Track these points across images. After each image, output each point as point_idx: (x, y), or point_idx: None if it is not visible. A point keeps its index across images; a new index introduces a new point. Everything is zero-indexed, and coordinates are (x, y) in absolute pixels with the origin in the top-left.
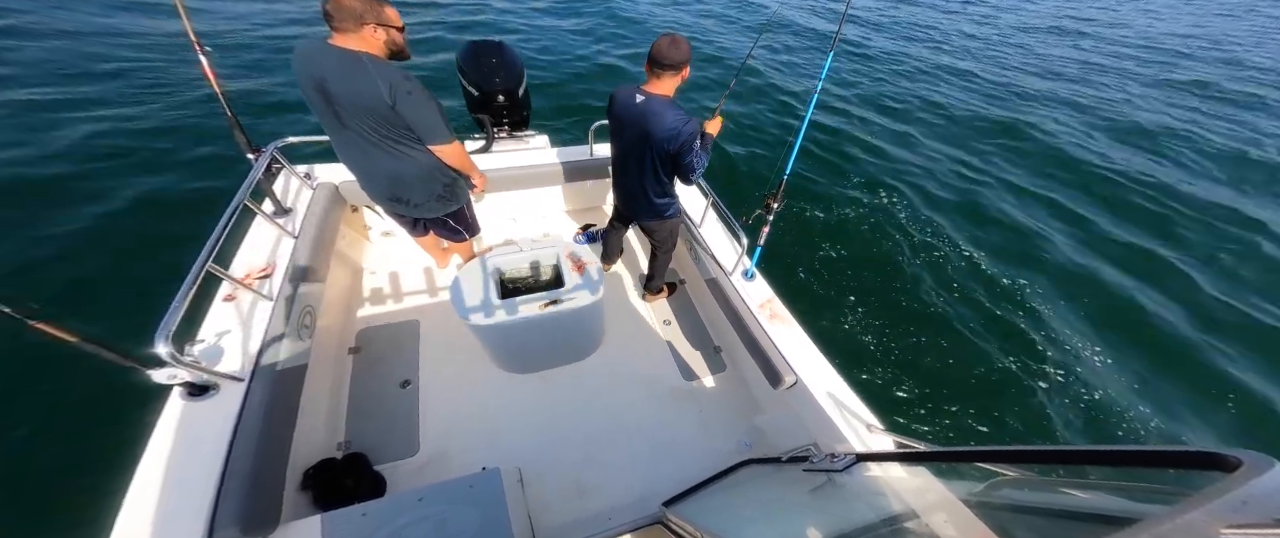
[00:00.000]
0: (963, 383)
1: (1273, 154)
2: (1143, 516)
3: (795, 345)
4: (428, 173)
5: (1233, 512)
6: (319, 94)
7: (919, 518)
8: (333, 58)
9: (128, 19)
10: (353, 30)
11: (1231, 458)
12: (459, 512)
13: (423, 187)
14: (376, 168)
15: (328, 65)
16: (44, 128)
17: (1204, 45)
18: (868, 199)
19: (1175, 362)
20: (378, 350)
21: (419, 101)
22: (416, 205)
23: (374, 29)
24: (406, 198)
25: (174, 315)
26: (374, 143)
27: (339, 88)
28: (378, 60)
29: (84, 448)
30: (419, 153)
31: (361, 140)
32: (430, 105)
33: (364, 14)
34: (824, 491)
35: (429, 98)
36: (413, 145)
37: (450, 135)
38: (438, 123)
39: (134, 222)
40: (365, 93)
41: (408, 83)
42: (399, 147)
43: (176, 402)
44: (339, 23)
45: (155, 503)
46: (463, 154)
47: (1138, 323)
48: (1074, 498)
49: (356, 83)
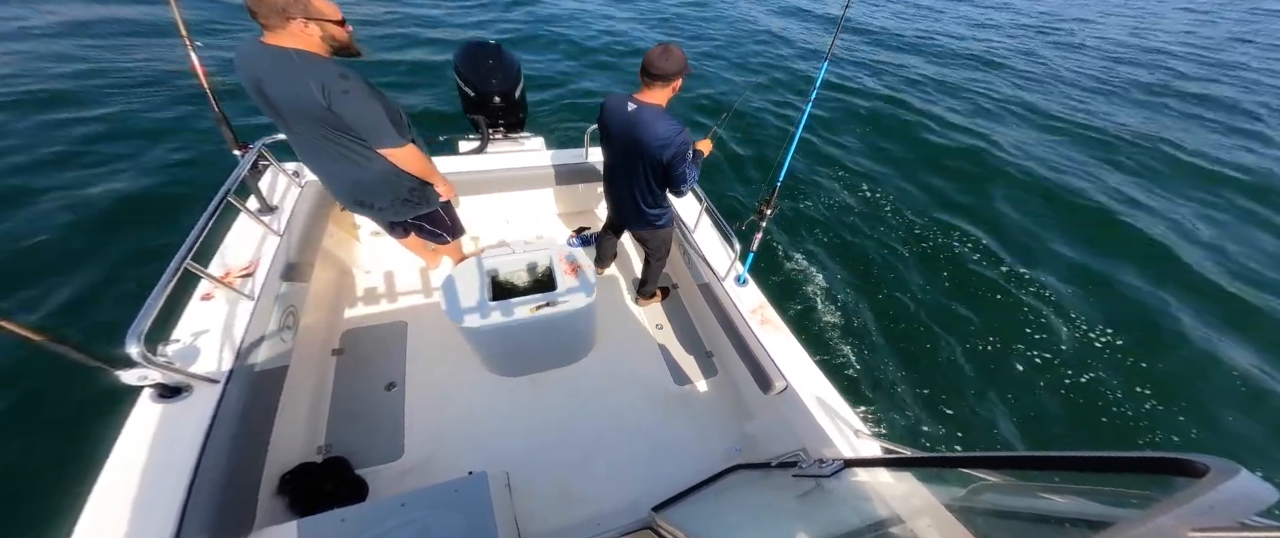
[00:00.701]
0: (956, 379)
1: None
2: (1116, 519)
3: (786, 351)
4: (387, 176)
5: (1199, 516)
6: (259, 97)
7: (904, 523)
8: (267, 57)
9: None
10: (280, 26)
11: (1198, 464)
12: (443, 517)
13: (386, 190)
14: (332, 172)
15: (262, 66)
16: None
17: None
18: (856, 202)
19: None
20: (363, 352)
21: (356, 101)
22: (381, 210)
23: (304, 24)
24: (370, 202)
25: (147, 314)
26: (323, 147)
27: (274, 90)
28: (311, 57)
29: (46, 453)
30: (374, 156)
31: (311, 144)
32: (371, 105)
33: (287, 7)
34: (812, 496)
35: (370, 97)
36: (366, 147)
37: (398, 138)
38: (380, 124)
39: (111, 220)
40: (300, 94)
41: (344, 81)
42: (351, 150)
43: (147, 404)
44: (264, 19)
45: (119, 507)
46: (416, 158)
47: (1154, 324)
48: (1052, 502)
49: (290, 84)
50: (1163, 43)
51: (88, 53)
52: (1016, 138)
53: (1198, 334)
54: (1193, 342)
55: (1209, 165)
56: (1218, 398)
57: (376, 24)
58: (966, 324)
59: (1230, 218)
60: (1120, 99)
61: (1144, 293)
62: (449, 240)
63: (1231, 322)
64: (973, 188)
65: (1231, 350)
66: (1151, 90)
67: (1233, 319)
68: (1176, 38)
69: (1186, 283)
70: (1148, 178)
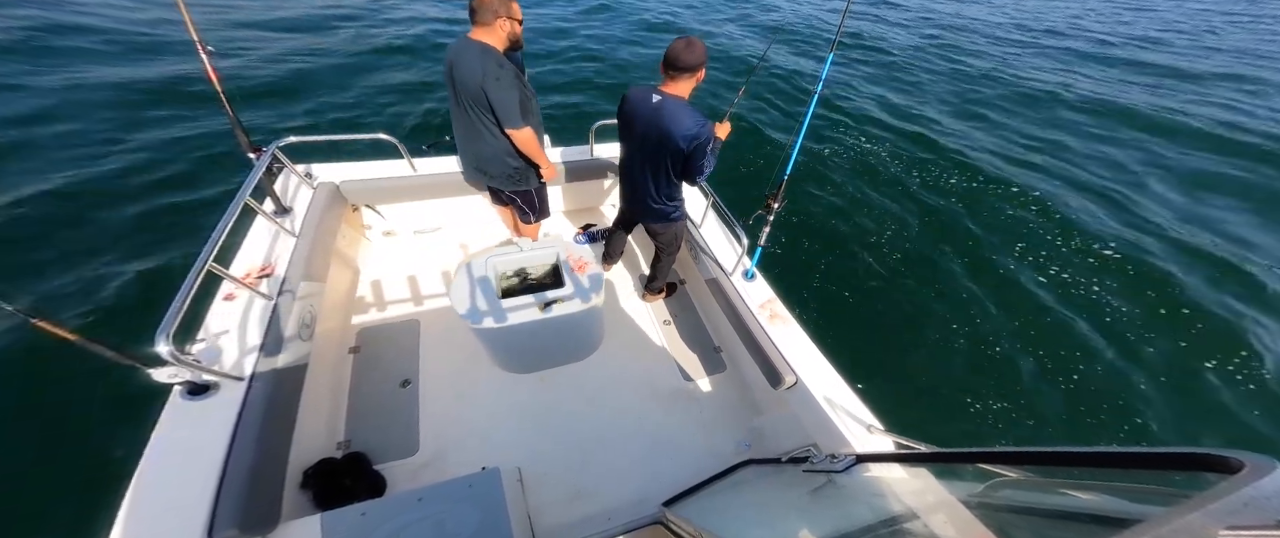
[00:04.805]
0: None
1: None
2: (1142, 517)
3: (795, 346)
4: (500, 152)
5: (1232, 513)
6: (448, 78)
7: (919, 519)
8: (466, 47)
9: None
10: (489, 22)
11: (1233, 460)
12: (458, 512)
13: (497, 162)
14: (469, 139)
15: (460, 53)
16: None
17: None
18: (865, 191)
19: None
20: (378, 350)
21: (502, 87)
22: (492, 176)
23: (505, 21)
24: (486, 170)
25: (175, 315)
26: (471, 120)
27: (459, 72)
28: (489, 49)
29: (84, 448)
30: (499, 133)
31: (465, 117)
32: (510, 92)
33: (499, 7)
34: (824, 492)
35: (512, 85)
36: (496, 125)
37: (520, 122)
38: (511, 109)
39: (134, 224)
40: (471, 77)
41: (498, 69)
42: (486, 125)
43: (177, 401)
44: (480, 16)
45: (154, 502)
46: (530, 141)
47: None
48: (1074, 499)
49: (469, 68)
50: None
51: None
52: (1027, 128)
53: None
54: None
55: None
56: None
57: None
58: (988, 317)
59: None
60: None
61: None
62: (533, 221)
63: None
64: (988, 178)
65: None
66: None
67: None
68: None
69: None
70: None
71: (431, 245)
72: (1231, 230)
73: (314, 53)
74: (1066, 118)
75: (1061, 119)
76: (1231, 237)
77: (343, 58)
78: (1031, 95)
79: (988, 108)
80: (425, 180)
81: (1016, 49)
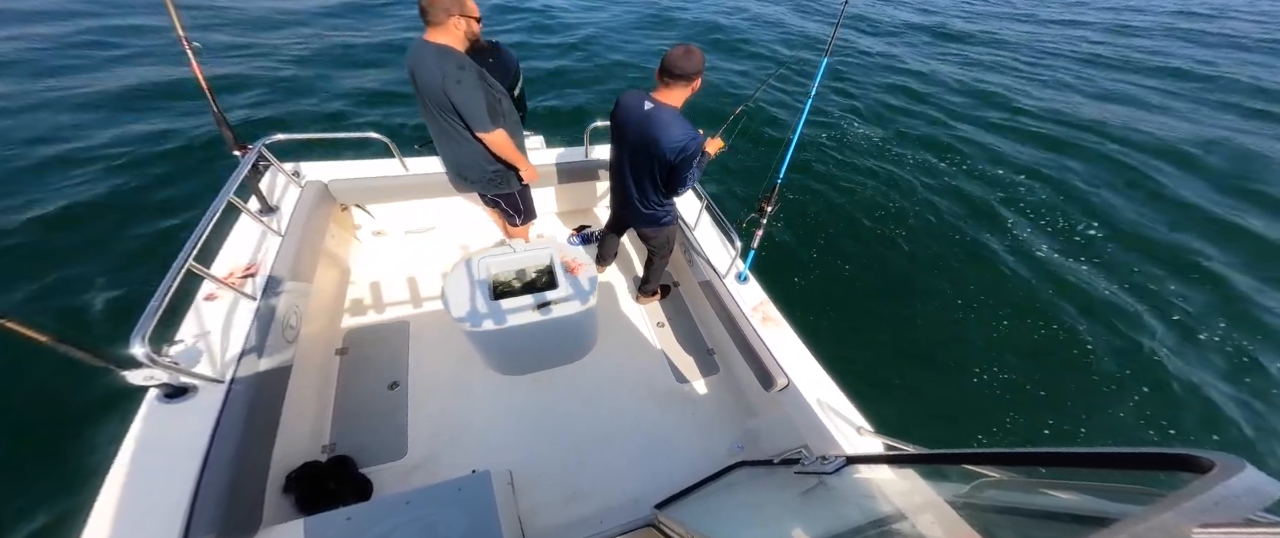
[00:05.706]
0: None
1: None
2: (1120, 516)
3: (787, 348)
4: (479, 156)
5: (1205, 512)
6: (413, 83)
7: (907, 520)
8: (422, 50)
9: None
10: (442, 22)
11: (1204, 460)
12: (447, 515)
13: (476, 167)
14: (445, 146)
15: (417, 57)
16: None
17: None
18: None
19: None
20: (366, 351)
21: (464, 89)
22: (474, 182)
23: (459, 20)
24: (467, 176)
25: (151, 315)
26: (441, 126)
27: (420, 77)
28: (447, 50)
29: (55, 452)
30: (471, 136)
31: (436, 123)
32: (474, 93)
33: (451, 7)
34: (815, 493)
35: (475, 86)
36: (465, 128)
37: (489, 125)
38: (477, 112)
39: (111, 224)
40: (432, 81)
41: (458, 71)
42: (457, 130)
43: (153, 404)
44: (432, 16)
45: (128, 505)
46: (503, 144)
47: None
48: (1055, 499)
49: (429, 72)
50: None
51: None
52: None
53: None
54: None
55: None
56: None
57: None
58: (985, 321)
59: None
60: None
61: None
62: (519, 223)
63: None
64: (987, 177)
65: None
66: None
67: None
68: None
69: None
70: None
71: (423, 246)
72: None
73: (309, 51)
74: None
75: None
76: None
77: (336, 56)
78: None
79: (999, 109)
80: (417, 180)
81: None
